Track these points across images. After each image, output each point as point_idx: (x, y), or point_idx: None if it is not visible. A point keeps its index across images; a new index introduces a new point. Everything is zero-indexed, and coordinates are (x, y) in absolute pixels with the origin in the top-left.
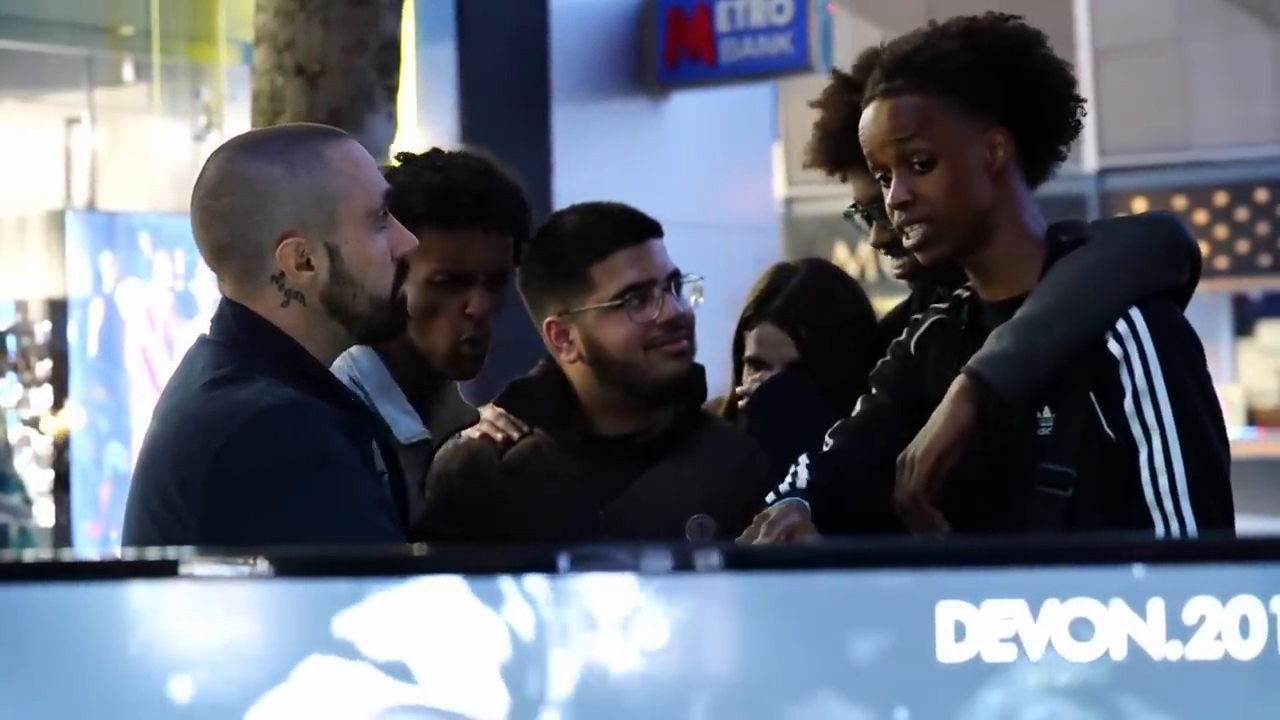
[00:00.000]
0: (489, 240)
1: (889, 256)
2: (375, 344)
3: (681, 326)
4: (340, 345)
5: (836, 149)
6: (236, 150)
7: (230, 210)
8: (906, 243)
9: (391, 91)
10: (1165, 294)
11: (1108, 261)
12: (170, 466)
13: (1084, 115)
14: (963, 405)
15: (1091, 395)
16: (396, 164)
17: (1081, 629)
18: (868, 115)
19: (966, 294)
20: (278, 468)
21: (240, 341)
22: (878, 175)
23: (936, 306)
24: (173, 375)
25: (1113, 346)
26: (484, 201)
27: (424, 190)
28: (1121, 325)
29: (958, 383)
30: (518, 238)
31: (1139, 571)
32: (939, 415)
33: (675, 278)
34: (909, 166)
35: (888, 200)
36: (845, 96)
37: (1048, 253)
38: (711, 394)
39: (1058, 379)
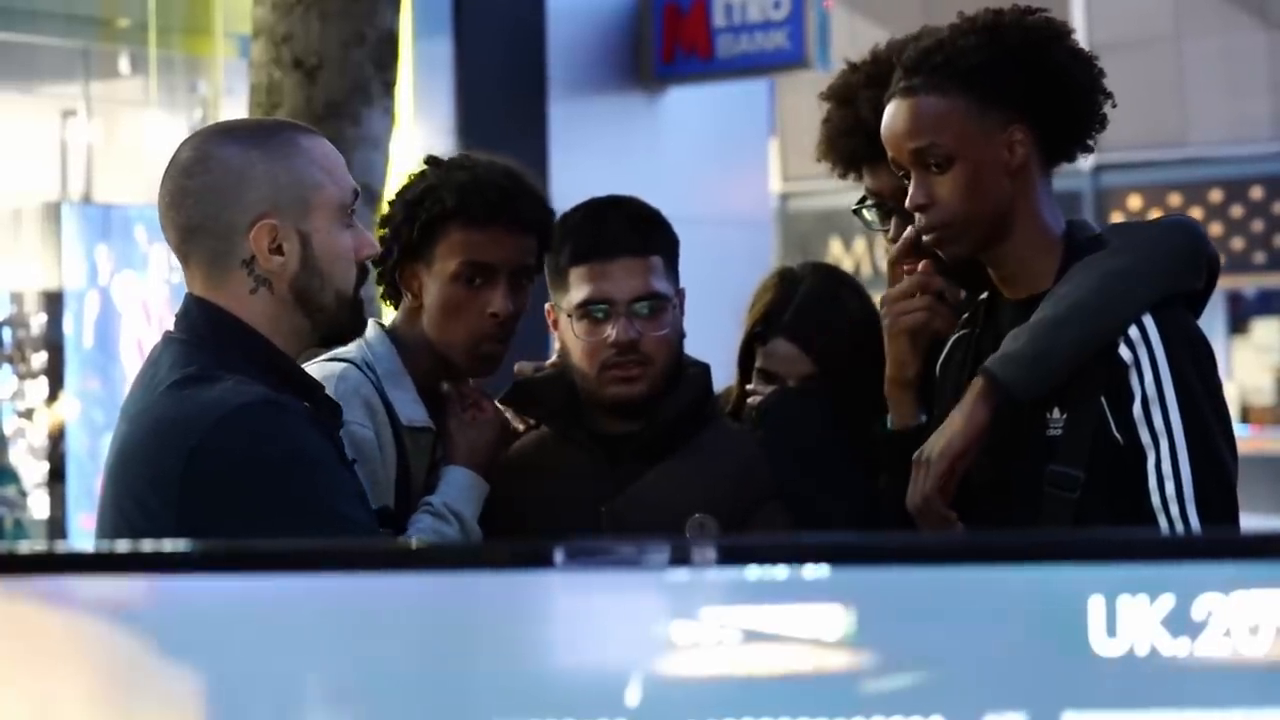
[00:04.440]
0: (513, 237)
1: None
2: (332, 345)
3: (635, 351)
4: (302, 342)
5: (854, 145)
6: (211, 134)
7: (204, 189)
8: (926, 239)
9: (389, 86)
10: (1179, 300)
11: (1126, 266)
12: (142, 467)
13: (1113, 109)
14: (979, 406)
15: (1102, 399)
16: (425, 166)
17: None
18: (888, 114)
19: (985, 295)
20: (252, 466)
21: (207, 338)
22: (900, 174)
23: (960, 328)
24: (138, 375)
25: (1124, 352)
26: (510, 198)
27: (452, 187)
28: (1133, 331)
29: (975, 384)
30: (540, 239)
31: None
32: (956, 416)
33: (649, 299)
34: (926, 167)
35: (907, 202)
36: (865, 91)
37: (1065, 251)
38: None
39: (1070, 381)
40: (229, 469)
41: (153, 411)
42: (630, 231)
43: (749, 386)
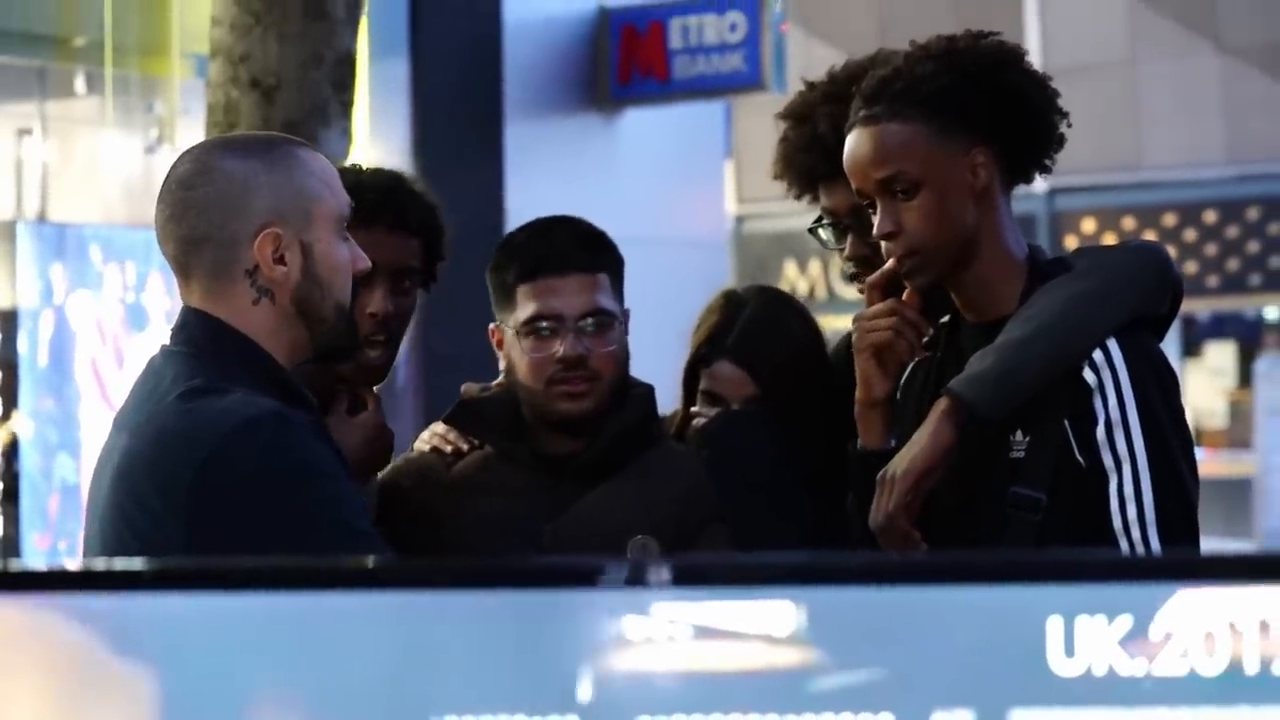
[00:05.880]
0: (393, 237)
1: (859, 271)
2: (328, 360)
3: (583, 367)
4: (300, 354)
5: (812, 162)
6: (211, 148)
7: (207, 200)
8: (897, 270)
9: (346, 106)
10: (1143, 324)
11: (1092, 289)
12: (149, 477)
13: (1069, 128)
14: (944, 425)
15: (1066, 422)
16: None
17: None
18: (850, 143)
19: (946, 319)
20: (264, 478)
21: (207, 350)
22: (864, 203)
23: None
24: (136, 387)
25: (1087, 375)
26: (390, 198)
27: None
28: (1097, 354)
29: (940, 404)
30: (426, 241)
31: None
32: (920, 435)
33: (596, 315)
34: (892, 195)
35: (874, 231)
36: (823, 108)
37: (1029, 275)
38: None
39: (1033, 404)
40: (240, 480)
41: (158, 422)
42: (578, 249)
43: (693, 409)
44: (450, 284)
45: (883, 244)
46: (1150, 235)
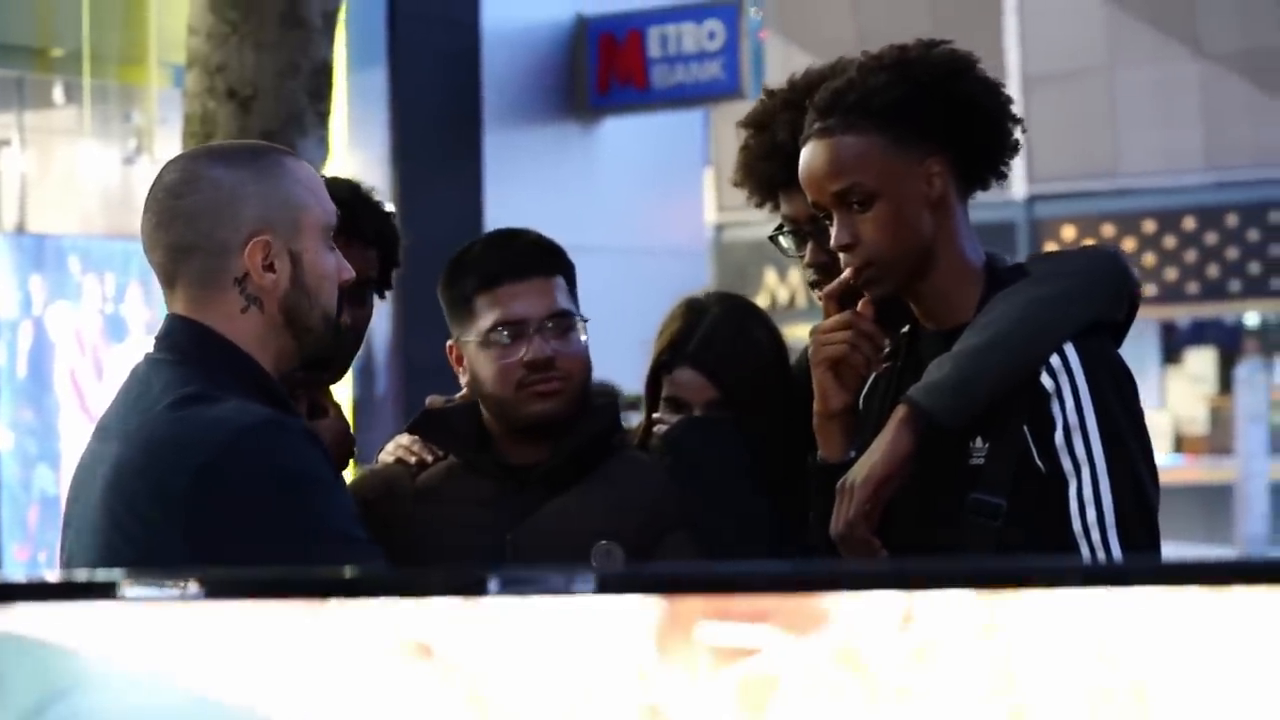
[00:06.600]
0: (349, 248)
1: (819, 279)
2: (315, 369)
3: (552, 368)
4: (286, 363)
5: (773, 169)
6: (197, 156)
7: (195, 209)
8: (852, 281)
9: (323, 116)
10: (1101, 329)
11: (1050, 294)
12: (141, 484)
13: (1024, 133)
14: (903, 434)
15: (1025, 428)
16: None
17: None
18: (805, 156)
19: (906, 329)
20: (260, 485)
21: (193, 357)
22: (821, 215)
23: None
24: (121, 395)
25: (1045, 380)
26: (344, 209)
27: None
28: (1055, 360)
29: (898, 412)
30: (382, 252)
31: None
32: (879, 443)
33: (561, 317)
34: (848, 207)
35: (832, 243)
36: (783, 115)
37: (987, 282)
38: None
39: (992, 410)
40: (237, 487)
41: (149, 429)
42: (534, 254)
43: (655, 415)
44: (429, 293)
45: (841, 255)
46: (1129, 242)
